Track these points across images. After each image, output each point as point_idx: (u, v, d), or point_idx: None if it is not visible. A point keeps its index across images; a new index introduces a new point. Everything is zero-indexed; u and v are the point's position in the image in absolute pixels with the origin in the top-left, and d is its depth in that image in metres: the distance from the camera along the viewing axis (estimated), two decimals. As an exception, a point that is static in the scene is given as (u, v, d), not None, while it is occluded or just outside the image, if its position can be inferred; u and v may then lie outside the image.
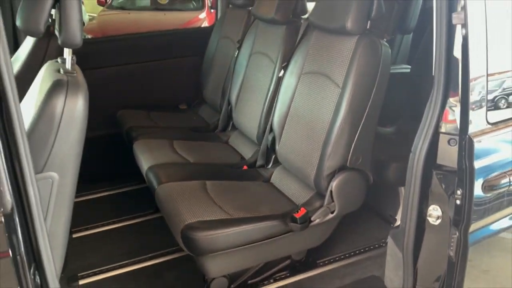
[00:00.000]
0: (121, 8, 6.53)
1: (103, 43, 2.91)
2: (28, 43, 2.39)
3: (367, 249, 2.28)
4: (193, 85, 3.17)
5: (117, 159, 2.80)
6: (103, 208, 2.63)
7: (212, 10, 5.67)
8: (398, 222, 2.31)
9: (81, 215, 1.44)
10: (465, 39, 1.34)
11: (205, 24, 5.88)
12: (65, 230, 1.41)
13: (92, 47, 2.90)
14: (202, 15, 6.11)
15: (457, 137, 1.41)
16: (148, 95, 3.07)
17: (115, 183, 2.83)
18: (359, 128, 1.76)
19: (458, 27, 1.35)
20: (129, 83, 2.98)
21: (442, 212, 1.49)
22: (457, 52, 1.37)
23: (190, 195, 1.87)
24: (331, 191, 1.81)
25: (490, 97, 1.40)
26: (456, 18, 1.33)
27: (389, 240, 1.71)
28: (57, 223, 1.35)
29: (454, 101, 1.42)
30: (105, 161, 2.77)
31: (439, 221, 1.50)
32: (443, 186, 1.47)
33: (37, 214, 1.06)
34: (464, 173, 1.37)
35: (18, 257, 0.99)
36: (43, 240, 1.07)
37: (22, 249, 1.01)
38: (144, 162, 2.24)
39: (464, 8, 1.28)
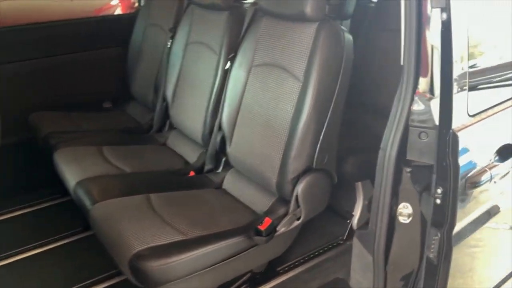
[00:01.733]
0: (21, -6, 5.79)
1: (6, 33, 2.42)
2: None
3: (325, 248, 2.16)
4: (118, 79, 2.80)
5: (32, 170, 2.38)
6: (19, 230, 2.22)
7: (125, -4, 5.23)
8: (355, 218, 2.24)
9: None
10: (445, 25, 1.22)
11: (118, 12, 5.42)
12: None
13: None
14: (114, 1, 5.61)
15: (428, 130, 1.29)
16: (65, 94, 2.64)
17: (30, 199, 2.41)
18: (325, 125, 1.59)
19: (436, 11, 1.23)
20: (42, 81, 2.54)
21: (413, 210, 1.38)
22: (435, 40, 1.25)
23: (134, 215, 1.58)
24: (296, 196, 1.63)
25: (471, 87, 1.31)
26: (435, 2, 1.20)
27: (355, 242, 1.59)
28: None
29: (424, 92, 1.31)
30: (17, 173, 2.35)
31: (410, 219, 1.41)
32: (414, 182, 1.36)
33: None
34: (446, 171, 1.27)
35: None
36: None
37: None
38: (70, 176, 1.88)
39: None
